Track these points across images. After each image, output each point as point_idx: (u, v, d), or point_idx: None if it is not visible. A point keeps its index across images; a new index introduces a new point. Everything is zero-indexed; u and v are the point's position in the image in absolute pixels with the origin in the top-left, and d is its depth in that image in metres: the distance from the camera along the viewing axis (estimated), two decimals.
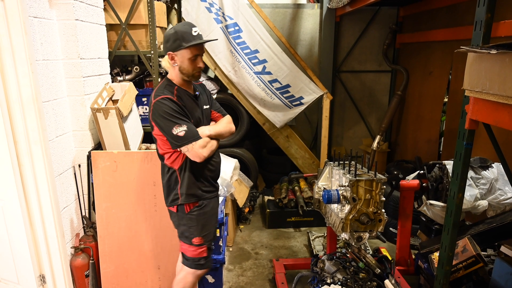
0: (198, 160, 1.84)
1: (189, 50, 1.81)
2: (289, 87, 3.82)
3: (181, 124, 1.79)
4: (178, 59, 1.84)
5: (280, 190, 3.78)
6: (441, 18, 3.68)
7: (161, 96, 1.81)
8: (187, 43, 1.79)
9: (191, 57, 1.83)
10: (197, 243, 1.95)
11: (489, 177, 2.37)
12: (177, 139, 1.79)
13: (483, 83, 1.53)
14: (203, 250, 1.98)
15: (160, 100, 1.80)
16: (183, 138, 1.78)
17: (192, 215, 1.94)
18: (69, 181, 2.36)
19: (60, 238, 2.18)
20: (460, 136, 1.80)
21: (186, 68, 1.85)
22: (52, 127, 2.16)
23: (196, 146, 1.80)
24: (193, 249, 1.96)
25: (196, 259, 1.98)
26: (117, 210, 2.29)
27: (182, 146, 1.81)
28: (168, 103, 1.79)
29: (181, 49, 1.80)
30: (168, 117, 1.78)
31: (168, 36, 1.83)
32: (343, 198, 2.02)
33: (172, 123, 1.78)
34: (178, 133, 1.78)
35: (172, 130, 1.78)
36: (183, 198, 1.92)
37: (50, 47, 2.14)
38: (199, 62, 1.86)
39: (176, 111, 1.80)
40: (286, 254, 3.15)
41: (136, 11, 2.81)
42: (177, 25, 1.89)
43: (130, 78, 2.95)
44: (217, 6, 3.66)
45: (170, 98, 1.80)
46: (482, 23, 1.67)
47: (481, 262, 2.13)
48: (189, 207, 1.93)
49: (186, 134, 1.78)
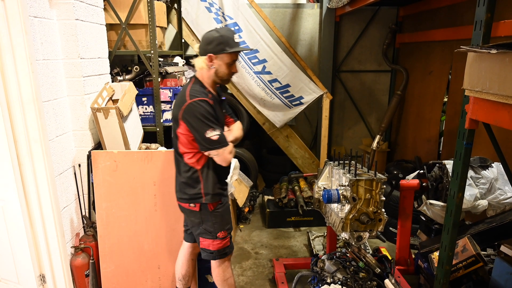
0: (224, 164, 1.91)
1: (230, 56, 1.88)
2: (289, 87, 3.83)
3: (214, 128, 1.83)
4: (216, 62, 1.88)
5: (280, 190, 3.78)
6: (440, 18, 3.69)
7: (199, 98, 1.84)
8: (230, 49, 1.86)
9: (230, 62, 1.89)
10: (222, 236, 2.04)
11: (489, 177, 2.37)
12: (209, 142, 1.83)
13: (483, 83, 1.54)
14: (227, 240, 2.08)
15: (197, 102, 1.83)
16: (216, 142, 1.83)
17: (217, 212, 2.01)
18: (69, 181, 2.36)
19: (60, 238, 2.18)
20: (460, 136, 1.80)
21: (222, 72, 1.90)
22: (52, 126, 2.16)
23: (226, 151, 1.87)
24: (217, 242, 2.04)
25: (221, 249, 2.06)
26: (117, 210, 2.29)
27: (212, 150, 1.86)
28: (206, 105, 1.83)
29: (223, 53, 1.85)
30: (203, 119, 1.82)
31: (212, 39, 1.86)
32: (343, 198, 2.02)
33: (206, 126, 1.82)
34: (212, 137, 1.82)
35: (206, 133, 1.82)
36: (208, 198, 1.97)
37: (50, 47, 2.14)
38: (234, 68, 1.93)
39: (211, 114, 1.85)
40: (286, 253, 3.16)
41: (136, 11, 2.81)
42: (221, 29, 1.95)
43: (130, 77, 2.95)
44: (217, 6, 3.66)
45: (207, 101, 1.85)
46: (482, 23, 1.67)
47: (481, 261, 2.14)
48: (213, 206, 2.00)
49: (219, 139, 1.84)
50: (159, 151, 2.27)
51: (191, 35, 3.76)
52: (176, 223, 2.32)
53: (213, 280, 2.57)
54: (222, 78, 1.94)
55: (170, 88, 2.96)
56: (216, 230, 2.02)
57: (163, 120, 2.99)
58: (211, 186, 1.96)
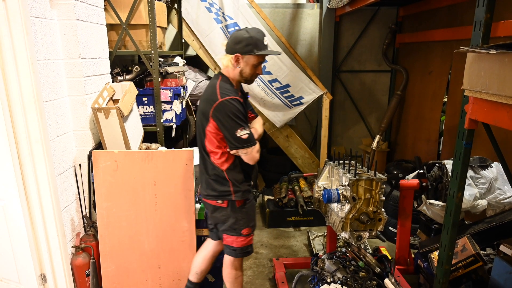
0: (252, 162, 1.94)
1: (257, 58, 1.89)
2: (289, 87, 3.83)
3: (244, 127, 1.86)
4: (242, 62, 1.90)
5: (280, 190, 3.78)
6: (440, 18, 3.69)
7: (230, 96, 1.85)
8: (258, 51, 1.87)
9: (255, 63, 1.91)
10: (246, 233, 2.08)
11: (489, 177, 2.38)
12: (239, 141, 1.86)
13: (482, 83, 1.54)
14: (251, 238, 2.12)
15: (229, 100, 1.84)
16: (246, 141, 1.86)
17: (243, 209, 2.05)
18: (70, 181, 2.36)
19: (61, 238, 2.18)
20: (460, 136, 1.81)
21: (247, 72, 1.92)
22: (53, 126, 2.17)
23: (254, 150, 1.91)
24: (241, 239, 2.07)
25: (244, 247, 2.10)
26: (118, 210, 2.29)
27: (242, 149, 1.88)
28: (237, 104, 1.85)
29: (251, 55, 1.87)
30: (235, 118, 1.84)
31: (241, 39, 1.87)
32: (343, 198, 2.03)
33: (237, 125, 1.84)
34: (242, 136, 1.85)
35: (236, 131, 1.84)
36: (238, 195, 2.01)
37: (51, 47, 2.15)
38: (259, 69, 1.95)
39: (242, 113, 1.87)
40: (286, 253, 3.16)
41: (136, 11, 2.82)
42: (251, 29, 1.93)
43: (131, 78, 2.95)
44: (217, 6, 3.66)
45: (238, 100, 1.87)
46: (481, 23, 1.67)
47: (481, 261, 2.14)
48: (240, 202, 2.04)
49: (249, 138, 1.87)
50: (159, 151, 2.27)
51: (191, 35, 3.77)
52: (176, 223, 2.33)
53: (213, 280, 2.58)
54: (246, 79, 1.96)
55: (170, 88, 2.97)
56: (241, 227, 2.06)
57: (163, 120, 3.00)
58: (240, 184, 2.01)
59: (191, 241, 2.35)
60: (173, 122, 3.03)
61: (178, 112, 3.04)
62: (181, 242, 2.34)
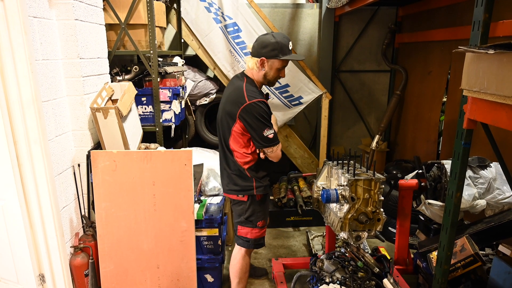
0: (276, 160, 2.12)
1: (281, 62, 2.02)
2: (288, 87, 3.83)
3: (270, 127, 2.00)
4: (267, 66, 2.02)
5: (279, 190, 3.78)
6: (440, 18, 3.69)
7: (258, 99, 1.99)
8: (283, 56, 2.00)
9: (280, 67, 2.03)
10: (261, 225, 2.22)
11: (488, 177, 2.38)
12: (266, 141, 2.00)
13: (481, 83, 1.54)
14: (264, 231, 2.26)
15: (257, 103, 1.97)
16: (272, 140, 2.01)
17: (262, 203, 2.21)
18: (68, 181, 2.36)
19: (60, 238, 2.18)
20: (458, 136, 1.81)
21: (271, 76, 2.05)
22: (51, 126, 2.16)
23: (278, 149, 2.08)
24: (256, 231, 2.22)
25: (258, 239, 2.24)
26: (117, 210, 2.29)
27: (268, 147, 2.03)
28: (264, 106, 1.99)
29: (276, 59, 1.99)
30: (262, 119, 1.97)
31: (267, 43, 1.99)
32: (341, 198, 2.02)
33: (264, 126, 1.98)
34: (268, 135, 1.99)
35: (264, 132, 1.98)
36: (260, 190, 2.16)
37: (49, 47, 2.14)
38: (283, 73, 2.08)
39: (268, 114, 2.01)
40: (285, 253, 3.16)
41: (135, 11, 2.81)
42: (277, 34, 2.03)
43: (130, 78, 2.95)
44: (216, 6, 3.66)
45: (265, 102, 2.01)
46: (480, 23, 1.67)
47: (479, 261, 2.14)
48: (260, 196, 2.19)
49: (274, 137, 2.02)
50: (158, 151, 2.27)
51: (190, 35, 3.77)
52: (175, 223, 2.32)
53: (212, 280, 2.58)
54: (270, 81, 2.08)
55: (169, 88, 2.97)
56: (257, 219, 2.20)
57: (162, 120, 2.99)
58: (261, 179, 2.16)
59: (190, 241, 2.35)
60: (172, 122, 3.03)
61: (177, 112, 3.04)
62: (180, 242, 2.34)
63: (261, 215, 2.21)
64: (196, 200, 2.59)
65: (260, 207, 2.20)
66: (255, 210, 2.19)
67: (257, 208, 2.19)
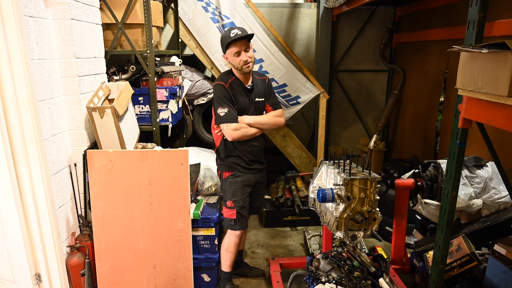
0: (229, 139, 2.27)
1: (231, 49, 2.23)
2: (286, 87, 3.83)
3: (224, 107, 2.23)
4: (229, 58, 2.28)
5: (277, 189, 3.78)
6: (437, 18, 3.69)
7: (216, 82, 2.31)
8: (229, 45, 2.23)
9: (234, 53, 2.23)
10: (229, 205, 2.38)
11: (484, 176, 2.38)
12: (218, 118, 2.26)
13: (475, 82, 1.54)
14: (233, 212, 2.38)
15: (215, 85, 2.31)
16: (222, 118, 2.24)
17: (226, 181, 2.39)
18: (65, 180, 2.36)
19: (56, 237, 2.18)
20: (454, 135, 1.81)
21: (235, 64, 2.26)
22: (47, 126, 2.16)
23: (229, 127, 2.23)
24: (226, 210, 2.40)
25: (228, 219, 2.40)
26: (113, 209, 2.29)
27: (220, 124, 2.27)
28: (219, 88, 2.27)
29: (226, 50, 2.25)
30: (217, 98, 2.26)
31: (220, 43, 2.29)
32: (337, 197, 2.02)
33: (217, 104, 2.25)
34: (220, 113, 2.24)
35: (218, 109, 2.25)
36: (221, 167, 2.41)
37: (45, 46, 2.14)
38: (242, 56, 2.23)
39: (224, 95, 2.25)
40: (282, 253, 3.16)
41: (132, 10, 2.81)
42: (225, 30, 2.31)
43: (127, 77, 2.95)
44: (214, 6, 3.66)
45: (222, 85, 2.27)
46: (475, 22, 1.68)
47: (475, 260, 2.15)
48: (226, 174, 2.39)
49: (225, 116, 2.23)
50: (154, 150, 2.27)
51: (188, 34, 3.77)
52: (171, 222, 2.33)
53: (209, 279, 2.58)
54: (238, 68, 2.27)
55: (166, 88, 2.96)
56: (226, 198, 2.40)
57: (159, 120, 2.99)
58: (225, 159, 2.37)
59: (186, 240, 2.35)
60: (169, 121, 3.03)
61: (174, 112, 3.04)
62: (176, 242, 2.34)
63: (228, 195, 2.37)
64: (193, 200, 2.59)
65: (226, 186, 2.39)
66: (223, 188, 2.42)
67: (224, 187, 2.40)
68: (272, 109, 2.45)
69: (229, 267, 2.49)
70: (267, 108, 2.46)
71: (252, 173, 2.41)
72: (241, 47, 2.22)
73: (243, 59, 2.23)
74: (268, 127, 2.42)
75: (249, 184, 2.41)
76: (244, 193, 2.39)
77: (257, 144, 2.39)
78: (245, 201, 2.40)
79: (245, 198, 2.41)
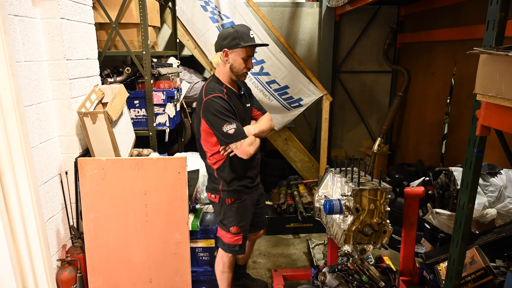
0: (245, 157, 1.94)
1: (245, 50, 1.92)
2: (288, 89, 3.70)
3: (231, 122, 1.89)
4: (231, 57, 1.93)
5: (279, 195, 3.65)
6: (444, 17, 3.57)
7: (213, 95, 1.91)
8: (245, 43, 1.90)
9: (244, 57, 1.93)
10: (234, 231, 2.11)
11: (498, 184, 2.26)
12: (226, 136, 1.89)
13: (497, 88, 1.42)
14: (239, 238, 2.13)
15: (211, 98, 1.90)
16: (233, 135, 1.89)
17: (233, 207, 2.09)
18: (55, 190, 2.23)
19: (45, 251, 2.04)
20: (471, 143, 1.68)
21: (237, 67, 1.95)
22: (35, 132, 2.03)
23: (244, 144, 1.91)
24: (229, 236, 2.12)
25: (232, 245, 2.14)
26: (106, 221, 2.16)
27: (231, 143, 1.92)
28: (220, 101, 1.90)
29: (238, 48, 1.90)
30: (219, 115, 1.88)
31: (227, 34, 1.91)
32: (345, 208, 1.90)
33: (222, 121, 1.88)
34: (228, 131, 1.88)
35: (223, 127, 1.88)
36: (225, 194, 2.08)
37: (33, 48, 2.01)
38: (249, 63, 1.97)
39: (226, 109, 1.90)
40: (285, 262, 3.03)
41: (127, 9, 2.68)
42: (236, 25, 1.97)
43: (121, 79, 2.81)
44: (213, 5, 3.53)
45: (221, 97, 1.91)
46: (495, 22, 1.55)
47: (491, 274, 2.03)
48: (231, 200, 2.08)
49: (236, 132, 1.89)
50: (150, 158, 2.14)
51: (186, 34, 3.64)
52: (168, 234, 2.19)
53: None
54: (238, 74, 1.97)
55: (163, 91, 2.83)
56: (229, 223, 2.10)
57: (156, 124, 2.86)
58: (227, 184, 2.05)
59: (184, 253, 2.22)
60: (167, 126, 2.90)
61: (171, 116, 2.91)
62: (173, 255, 2.21)
63: (233, 220, 2.09)
64: (191, 209, 2.46)
65: (231, 211, 2.09)
66: (226, 214, 2.11)
67: (228, 212, 2.10)
68: (261, 113, 2.22)
69: (228, 287, 2.30)
70: (255, 113, 2.21)
71: (255, 190, 2.21)
72: (253, 53, 1.98)
73: (250, 66, 1.98)
74: (266, 133, 2.15)
75: (254, 202, 2.21)
76: (250, 215, 2.18)
77: (259, 157, 2.18)
78: (249, 223, 2.20)
79: (250, 219, 2.20)
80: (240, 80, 2.03)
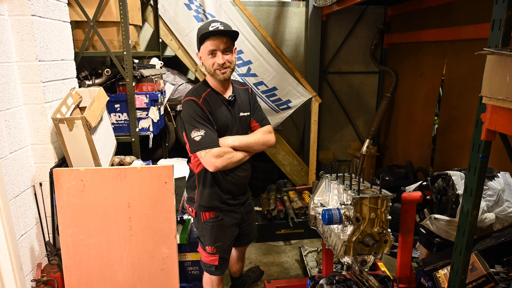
0: (210, 169, 1.76)
1: (206, 45, 1.75)
2: (276, 90, 3.59)
3: (199, 129, 1.74)
4: (202, 57, 1.81)
5: (268, 201, 3.53)
6: (432, 18, 3.54)
7: (187, 98, 1.80)
8: (201, 38, 1.76)
9: (208, 52, 1.76)
10: (209, 251, 1.95)
11: (496, 188, 2.21)
12: (193, 143, 1.75)
13: (507, 91, 1.34)
14: (214, 259, 1.96)
15: (186, 101, 1.80)
16: (198, 143, 1.73)
17: (207, 225, 1.92)
18: (28, 203, 2.03)
19: (17, 272, 1.85)
20: (475, 148, 1.61)
21: (207, 65, 1.79)
22: (4, 141, 1.83)
23: (209, 154, 1.72)
24: (205, 255, 1.98)
25: (208, 264, 1.99)
26: (86, 236, 1.98)
27: (197, 151, 1.76)
28: (192, 104, 1.77)
29: (201, 45, 1.78)
30: (189, 119, 1.76)
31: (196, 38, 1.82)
32: (345, 218, 1.79)
33: (191, 126, 1.75)
34: (195, 137, 1.73)
35: (191, 133, 1.75)
36: (196, 206, 1.91)
37: (1, 48, 1.81)
38: (217, 58, 1.75)
39: (197, 114, 1.75)
40: (277, 271, 2.91)
41: (106, 6, 2.50)
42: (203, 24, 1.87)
43: (101, 82, 2.62)
44: (198, 3, 3.38)
45: (195, 101, 1.77)
46: (501, 22, 1.47)
47: (492, 282, 1.97)
48: (205, 217, 1.92)
49: (201, 140, 1.73)
50: (133, 167, 1.97)
51: (169, 34, 3.46)
52: (154, 249, 2.03)
53: None
54: (210, 73, 1.81)
55: (146, 94, 2.66)
56: (205, 242, 1.95)
57: (139, 129, 2.69)
58: (200, 194, 1.89)
59: (172, 268, 2.07)
60: (150, 131, 2.73)
61: (155, 120, 2.74)
62: (160, 271, 2.05)
63: (208, 240, 1.92)
64: (179, 221, 2.30)
65: (206, 230, 1.91)
66: (202, 231, 1.95)
67: (204, 230, 1.93)
68: (259, 125, 2.00)
69: None
70: (253, 124, 2.01)
71: (238, 210, 1.99)
72: (218, 45, 1.74)
73: (218, 61, 1.74)
74: (257, 149, 1.90)
75: (236, 223, 1.99)
76: (229, 236, 1.98)
77: (244, 175, 1.94)
78: (229, 243, 2.00)
79: (230, 240, 2.00)
80: (218, 78, 1.81)
